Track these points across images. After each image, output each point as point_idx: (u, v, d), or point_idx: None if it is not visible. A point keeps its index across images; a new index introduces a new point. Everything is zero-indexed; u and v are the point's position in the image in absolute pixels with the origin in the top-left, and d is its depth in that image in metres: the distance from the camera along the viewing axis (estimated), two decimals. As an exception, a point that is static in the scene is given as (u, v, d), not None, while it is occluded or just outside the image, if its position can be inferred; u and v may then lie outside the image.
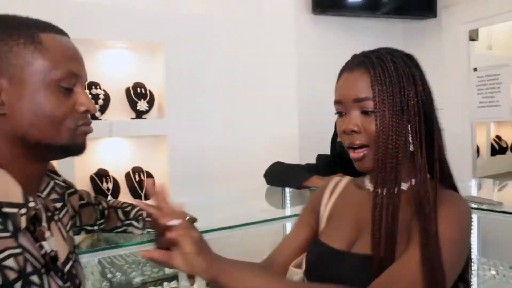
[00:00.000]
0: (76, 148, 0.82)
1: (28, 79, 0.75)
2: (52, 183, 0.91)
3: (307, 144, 2.85)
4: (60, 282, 0.79)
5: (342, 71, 0.97)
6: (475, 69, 2.89)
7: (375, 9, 3.02)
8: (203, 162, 2.87)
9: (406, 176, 0.93)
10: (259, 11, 2.99)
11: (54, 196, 0.90)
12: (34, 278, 0.73)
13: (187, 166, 2.77)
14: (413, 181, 0.91)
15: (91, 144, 2.98)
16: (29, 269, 0.72)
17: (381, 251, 0.86)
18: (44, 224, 0.81)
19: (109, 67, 2.88)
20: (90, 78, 3.16)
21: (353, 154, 0.93)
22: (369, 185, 0.98)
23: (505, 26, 3.15)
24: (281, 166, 2.25)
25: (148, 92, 2.79)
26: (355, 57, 0.97)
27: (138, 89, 2.79)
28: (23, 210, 0.75)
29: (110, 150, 2.78)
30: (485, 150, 4.35)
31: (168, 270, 2.33)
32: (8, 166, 0.77)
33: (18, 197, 0.75)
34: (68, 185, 1.04)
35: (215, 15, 3.00)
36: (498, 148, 4.34)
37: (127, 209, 1.27)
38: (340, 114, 0.95)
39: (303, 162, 2.22)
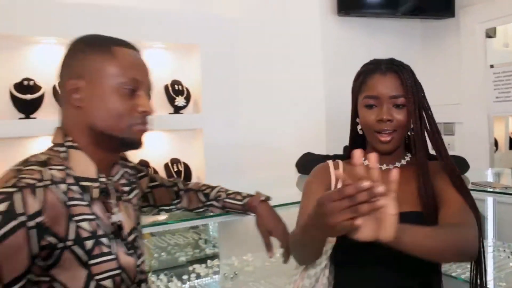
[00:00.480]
0: (132, 142, 0.98)
1: (100, 81, 0.94)
2: (122, 171, 1.08)
3: (333, 138, 2.99)
4: (124, 249, 0.96)
5: (369, 73, 1.22)
6: (491, 66, 3.03)
7: (396, 9, 3.16)
8: (237, 153, 3.04)
9: (402, 154, 1.27)
10: (287, 13, 3.13)
11: (123, 181, 1.07)
12: (104, 240, 0.91)
13: (222, 157, 2.95)
14: (407, 158, 1.27)
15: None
16: (99, 232, 0.91)
17: (430, 208, 1.15)
18: (113, 200, 0.99)
19: (150, 66, 3.10)
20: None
21: (383, 138, 1.19)
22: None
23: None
24: (311, 156, 2.46)
25: (185, 89, 3.00)
26: (378, 62, 1.24)
27: (176, 86, 3.00)
28: (96, 184, 0.94)
29: (150, 142, 2.99)
30: (503, 144, 4.47)
31: (209, 251, 2.55)
32: (84, 150, 0.96)
33: (92, 174, 0.95)
34: (139, 170, 1.25)
35: (245, 18, 3.17)
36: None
37: (207, 191, 1.44)
38: (370, 106, 1.20)
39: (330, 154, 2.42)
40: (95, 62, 0.95)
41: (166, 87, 3.06)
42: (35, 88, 2.73)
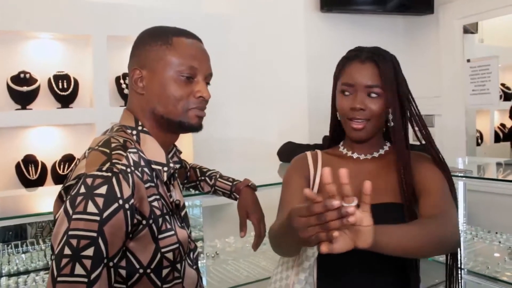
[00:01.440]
0: (189, 126, 1.04)
1: (160, 70, 1.02)
2: (174, 149, 1.15)
3: (315, 132, 3.02)
4: (178, 223, 1.06)
5: (349, 60, 1.22)
6: (468, 60, 3.16)
7: (378, 6, 3.26)
8: (225, 147, 3.19)
9: (380, 143, 1.28)
10: (273, 10, 3.24)
11: (175, 159, 1.14)
12: (167, 217, 1.00)
13: (211, 152, 3.11)
14: (385, 147, 1.27)
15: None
16: (164, 210, 1.00)
17: (409, 200, 1.17)
18: (173, 181, 1.09)
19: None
20: (124, 70, 3.58)
21: (355, 125, 1.19)
22: (352, 154, 1.27)
23: (496, 21, 3.40)
24: (292, 145, 2.59)
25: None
26: (360, 50, 1.23)
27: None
28: (165, 168, 1.03)
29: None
30: (488, 137, 4.57)
31: (194, 234, 2.68)
32: (151, 134, 1.04)
33: (162, 158, 1.03)
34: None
35: (234, 15, 3.30)
36: (502, 136, 4.56)
37: (204, 169, 1.56)
38: (346, 93, 1.20)
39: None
40: (156, 53, 1.03)
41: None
42: (31, 80, 2.87)
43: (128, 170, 0.91)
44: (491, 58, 3.03)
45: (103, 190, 0.86)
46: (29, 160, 2.89)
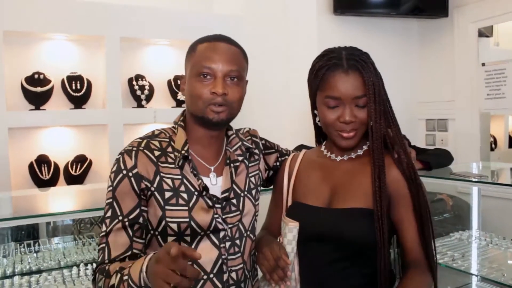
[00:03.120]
0: (209, 120, 1.17)
1: (188, 74, 1.19)
2: (239, 144, 1.31)
3: None
4: (208, 201, 1.18)
5: (330, 71, 1.17)
6: (483, 64, 3.13)
7: (392, 9, 3.25)
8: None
9: (360, 144, 1.25)
10: (285, 12, 3.23)
11: (238, 152, 1.29)
12: (184, 195, 1.16)
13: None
14: (364, 147, 1.25)
15: (139, 128, 3.41)
16: (181, 188, 1.17)
17: (381, 208, 1.15)
18: (210, 166, 1.22)
19: (153, 62, 3.25)
20: (136, 72, 3.61)
21: (346, 134, 1.18)
22: (331, 155, 1.28)
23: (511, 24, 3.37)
24: (304, 148, 2.58)
25: (187, 84, 3.15)
26: (339, 57, 1.17)
27: (178, 81, 3.15)
28: (178, 154, 1.18)
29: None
30: (502, 142, 4.52)
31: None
32: (188, 128, 1.23)
33: (180, 146, 1.19)
34: (268, 147, 1.44)
35: (246, 16, 3.30)
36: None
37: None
38: (332, 107, 1.17)
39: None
40: (187, 62, 1.21)
41: (169, 82, 3.21)
42: (45, 81, 2.90)
43: (134, 149, 1.16)
44: (507, 61, 2.99)
45: (114, 167, 1.16)
46: (42, 160, 2.92)
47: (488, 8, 3.10)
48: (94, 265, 1.91)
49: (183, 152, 1.17)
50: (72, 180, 2.93)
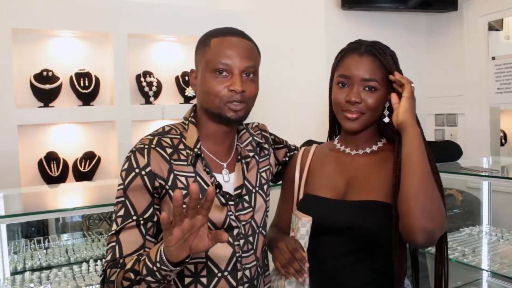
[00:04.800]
0: (226, 118, 1.14)
1: (202, 70, 1.14)
2: (250, 139, 1.29)
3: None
4: (222, 199, 1.16)
5: (347, 53, 1.22)
6: (493, 58, 3.09)
7: (400, 3, 3.21)
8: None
9: (375, 139, 1.26)
10: (292, 7, 3.22)
11: (249, 147, 1.28)
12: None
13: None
14: (379, 143, 1.25)
15: (147, 125, 3.43)
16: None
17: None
18: (220, 162, 1.20)
19: (161, 58, 3.25)
20: (144, 68, 3.61)
21: (350, 114, 1.18)
22: (345, 149, 1.28)
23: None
24: (312, 143, 2.57)
25: (194, 80, 3.15)
26: (360, 43, 1.23)
27: (186, 77, 3.15)
28: (190, 152, 1.15)
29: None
30: (512, 137, 4.47)
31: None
32: (199, 124, 1.19)
33: (192, 144, 1.16)
34: (277, 142, 1.43)
35: (253, 11, 3.29)
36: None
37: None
38: (342, 85, 1.20)
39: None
40: (200, 56, 1.16)
41: (177, 78, 3.21)
42: (53, 78, 2.91)
43: (146, 147, 1.13)
44: (518, 55, 2.96)
45: (125, 166, 1.13)
46: (51, 157, 2.93)
47: (498, 1, 3.06)
48: (103, 261, 1.92)
49: (195, 150, 1.15)
50: (81, 176, 2.94)
